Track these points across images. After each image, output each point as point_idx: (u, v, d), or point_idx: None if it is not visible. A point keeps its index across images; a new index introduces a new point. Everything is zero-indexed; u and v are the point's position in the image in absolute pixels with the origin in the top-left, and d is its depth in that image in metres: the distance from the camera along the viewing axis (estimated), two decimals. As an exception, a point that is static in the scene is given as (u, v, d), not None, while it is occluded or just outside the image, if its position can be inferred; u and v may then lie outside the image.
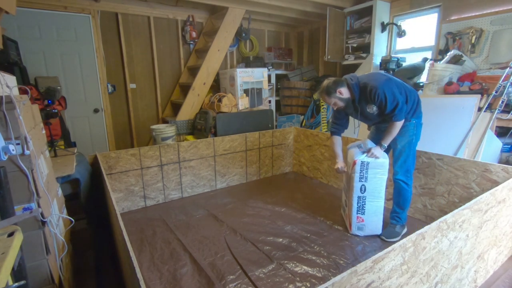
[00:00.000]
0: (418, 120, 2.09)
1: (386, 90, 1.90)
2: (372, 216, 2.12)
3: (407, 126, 2.06)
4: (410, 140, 2.07)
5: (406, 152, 2.08)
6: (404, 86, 2.04)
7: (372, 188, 2.05)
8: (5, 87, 1.14)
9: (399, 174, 2.11)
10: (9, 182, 1.07)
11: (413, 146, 2.08)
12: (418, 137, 2.11)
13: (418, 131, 2.10)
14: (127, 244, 1.10)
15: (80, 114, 3.63)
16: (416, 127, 2.07)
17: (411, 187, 2.14)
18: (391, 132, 2.01)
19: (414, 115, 2.06)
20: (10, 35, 2.91)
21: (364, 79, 2.02)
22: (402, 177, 2.11)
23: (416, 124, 2.07)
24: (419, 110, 2.10)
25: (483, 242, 1.56)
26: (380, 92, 1.90)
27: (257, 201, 2.82)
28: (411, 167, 2.12)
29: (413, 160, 2.11)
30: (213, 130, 3.43)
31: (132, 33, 3.83)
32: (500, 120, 2.74)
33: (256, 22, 4.77)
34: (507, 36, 2.91)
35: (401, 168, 2.10)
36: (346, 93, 2.03)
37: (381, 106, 1.95)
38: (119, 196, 2.63)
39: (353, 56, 4.21)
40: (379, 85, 1.91)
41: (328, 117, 4.15)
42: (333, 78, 2.09)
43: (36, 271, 1.22)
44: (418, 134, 2.10)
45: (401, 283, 1.12)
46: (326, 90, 2.04)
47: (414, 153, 2.11)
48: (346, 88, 2.03)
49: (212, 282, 1.70)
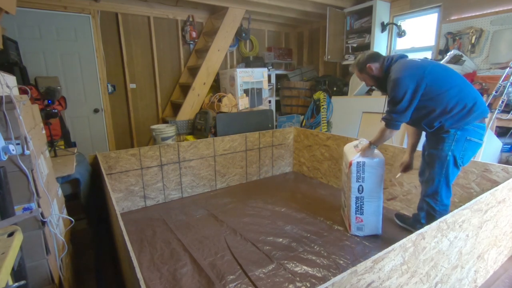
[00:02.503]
0: (463, 133, 1.66)
1: (397, 82, 1.67)
2: (371, 216, 2.12)
3: (442, 137, 1.71)
4: (443, 156, 1.70)
5: (434, 170, 1.75)
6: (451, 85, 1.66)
7: (370, 188, 2.05)
8: (5, 87, 1.14)
9: (426, 194, 1.82)
10: (9, 182, 1.07)
11: (448, 165, 1.70)
12: (459, 154, 1.68)
13: (459, 147, 1.67)
14: (127, 244, 1.10)
15: (80, 114, 3.63)
16: (457, 141, 1.67)
17: (438, 214, 1.76)
18: (380, 136, 1.82)
19: (457, 125, 1.66)
20: (10, 35, 2.91)
21: (397, 64, 1.75)
22: (429, 200, 1.81)
23: (459, 137, 1.66)
24: (468, 119, 1.66)
25: (483, 242, 1.56)
26: (392, 81, 1.70)
27: (257, 201, 2.82)
28: (442, 191, 1.75)
29: (445, 183, 1.74)
30: (213, 130, 3.43)
31: (132, 33, 3.83)
32: (500, 120, 2.74)
33: (256, 22, 4.77)
34: (507, 36, 2.91)
35: (425, 186, 1.81)
36: (376, 71, 1.83)
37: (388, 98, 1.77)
38: (119, 196, 2.63)
39: (353, 56, 4.21)
40: (396, 76, 1.69)
41: (328, 117, 4.15)
42: (369, 51, 1.90)
43: (36, 271, 1.21)
44: (459, 151, 1.68)
45: (401, 283, 1.12)
46: (357, 64, 1.88)
47: (448, 175, 1.72)
48: (378, 65, 1.82)
49: (212, 282, 1.70)
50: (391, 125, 1.77)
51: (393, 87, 1.69)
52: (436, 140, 1.77)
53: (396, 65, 1.77)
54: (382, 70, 1.82)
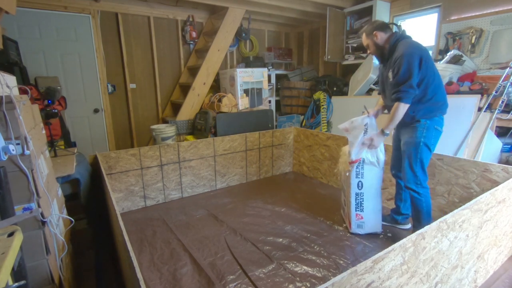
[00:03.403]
0: (431, 122, 1.88)
1: (407, 58, 1.75)
2: (371, 213, 2.12)
3: (414, 127, 1.91)
4: (416, 143, 1.88)
5: (410, 156, 1.91)
6: (434, 78, 1.84)
7: (369, 184, 2.07)
8: (5, 87, 1.14)
9: (407, 181, 1.96)
10: (9, 182, 1.07)
11: (421, 151, 1.88)
12: (430, 142, 1.89)
13: (430, 134, 1.88)
14: (127, 244, 1.10)
15: (80, 114, 3.63)
16: (426, 129, 1.87)
17: (424, 197, 1.93)
18: (393, 115, 1.84)
19: (427, 116, 1.87)
20: (10, 35, 2.91)
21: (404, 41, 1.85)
22: (411, 185, 1.95)
23: (428, 126, 1.87)
24: (436, 112, 1.88)
25: (483, 242, 1.56)
26: (401, 56, 1.77)
27: (257, 201, 2.82)
28: (420, 175, 1.92)
29: (421, 167, 1.91)
30: (213, 130, 3.43)
31: (132, 33, 3.83)
32: (500, 120, 2.74)
33: (256, 22, 4.77)
34: (507, 36, 2.91)
35: (406, 175, 1.95)
36: (381, 40, 1.93)
37: (394, 73, 1.82)
38: (119, 196, 2.63)
39: (353, 56, 4.21)
40: (405, 50, 1.77)
41: (328, 117, 4.15)
42: (380, 20, 2.00)
43: (36, 271, 1.21)
44: (429, 138, 1.88)
45: (401, 283, 1.12)
46: (366, 28, 1.98)
47: (422, 159, 1.90)
48: (385, 35, 1.93)
49: (212, 282, 1.70)
50: (405, 98, 1.80)
51: (405, 62, 1.77)
52: (408, 130, 1.95)
53: (403, 42, 1.85)
54: (388, 43, 1.92)
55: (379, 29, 1.93)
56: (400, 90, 1.80)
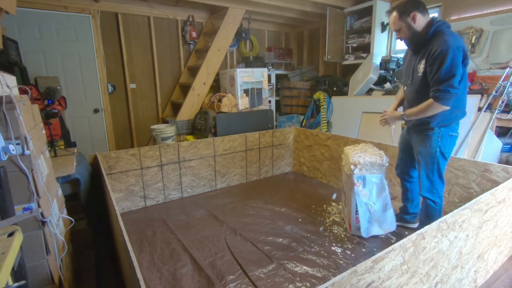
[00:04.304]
0: (445, 130, 1.74)
1: (453, 52, 1.51)
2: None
3: (427, 135, 1.78)
4: (432, 153, 1.78)
5: (427, 166, 1.81)
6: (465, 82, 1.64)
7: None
8: (5, 87, 1.14)
9: (423, 190, 1.87)
10: (9, 182, 1.07)
11: (438, 160, 1.78)
12: (445, 150, 1.77)
13: (445, 142, 1.75)
14: (127, 244, 1.10)
15: (80, 114, 3.63)
16: (441, 138, 1.75)
17: (439, 206, 1.85)
18: (423, 110, 1.66)
19: (442, 124, 1.73)
20: (10, 35, 2.91)
21: (448, 31, 1.59)
22: (427, 194, 1.85)
23: (442, 134, 1.74)
24: (453, 120, 1.74)
25: (483, 242, 1.56)
26: (447, 49, 1.51)
27: (257, 201, 2.82)
28: (437, 184, 1.83)
29: (438, 176, 1.82)
30: (213, 130, 3.43)
31: (132, 33, 3.83)
32: (500, 120, 2.74)
33: (256, 22, 4.77)
34: (507, 36, 2.91)
35: (422, 183, 1.86)
36: (419, 25, 1.62)
37: (432, 68, 1.56)
38: (119, 196, 2.63)
39: (353, 56, 4.21)
40: (452, 43, 1.52)
41: (328, 117, 4.15)
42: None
43: (36, 271, 1.21)
44: (444, 146, 1.76)
45: (401, 283, 1.12)
46: (401, 7, 1.63)
47: (440, 168, 1.80)
48: (424, 20, 1.62)
49: (212, 282, 1.70)
50: (444, 100, 1.58)
51: (449, 57, 1.52)
52: (422, 138, 1.83)
53: (446, 32, 1.59)
54: (428, 29, 1.62)
55: (419, 10, 1.60)
56: (440, 89, 1.57)
